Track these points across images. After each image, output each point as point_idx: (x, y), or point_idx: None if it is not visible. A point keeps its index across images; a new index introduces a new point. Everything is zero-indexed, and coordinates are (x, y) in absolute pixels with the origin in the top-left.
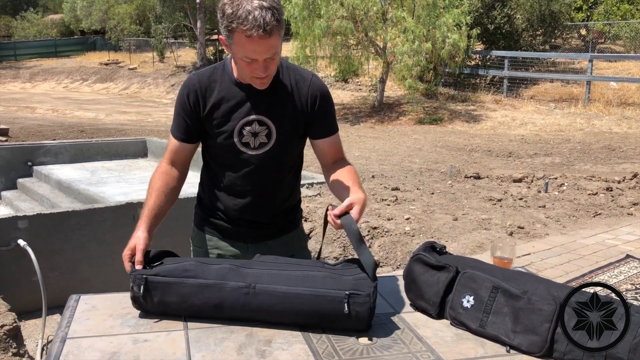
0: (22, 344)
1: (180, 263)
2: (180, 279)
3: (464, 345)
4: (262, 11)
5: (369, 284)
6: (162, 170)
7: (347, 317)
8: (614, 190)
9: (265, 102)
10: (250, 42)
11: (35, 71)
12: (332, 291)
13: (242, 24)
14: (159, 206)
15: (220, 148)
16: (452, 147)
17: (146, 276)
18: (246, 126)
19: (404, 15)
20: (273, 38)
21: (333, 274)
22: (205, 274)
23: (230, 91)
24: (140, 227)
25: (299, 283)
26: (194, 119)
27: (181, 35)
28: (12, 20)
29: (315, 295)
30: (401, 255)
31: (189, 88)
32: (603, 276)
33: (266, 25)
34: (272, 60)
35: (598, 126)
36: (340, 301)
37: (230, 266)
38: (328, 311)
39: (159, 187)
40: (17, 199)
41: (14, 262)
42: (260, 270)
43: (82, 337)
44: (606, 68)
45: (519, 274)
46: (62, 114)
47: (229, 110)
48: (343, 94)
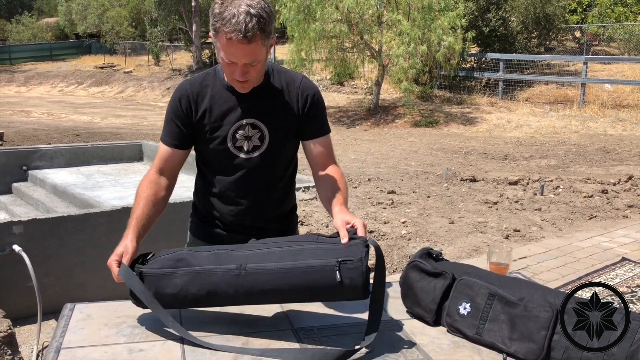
0: (17, 351)
1: (172, 253)
2: (173, 269)
3: (460, 353)
4: (246, 17)
5: (361, 249)
6: (151, 179)
7: (340, 286)
8: (609, 193)
9: (257, 106)
10: (229, 45)
11: (30, 75)
12: (323, 260)
13: (225, 26)
14: (147, 215)
15: (213, 153)
16: (448, 150)
17: (140, 270)
18: (239, 130)
19: (399, 18)
20: (253, 45)
21: (325, 245)
22: (198, 261)
23: (222, 96)
24: (128, 236)
25: (290, 258)
26: (187, 124)
27: (177, 39)
28: (7, 24)
29: (307, 267)
30: (397, 259)
31: (180, 93)
32: (599, 279)
33: (247, 31)
34: (252, 66)
35: (593, 128)
36: (332, 269)
37: (221, 251)
38: (321, 283)
39: (147, 196)
40: (12, 204)
41: (9, 268)
42: (251, 252)
43: (76, 347)
44: (601, 70)
45: (515, 280)
46: (58, 118)
47: (221, 115)
48: (339, 97)
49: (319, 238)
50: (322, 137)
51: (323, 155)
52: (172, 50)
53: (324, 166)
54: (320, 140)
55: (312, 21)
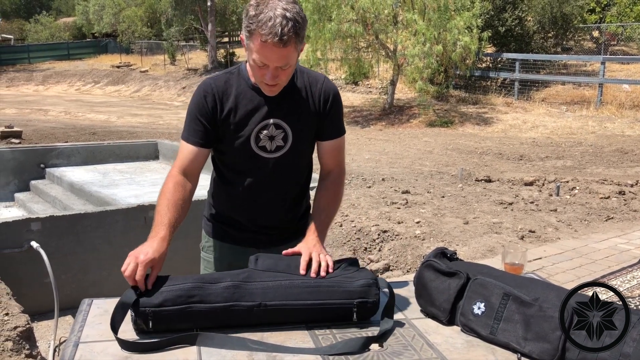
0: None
1: (180, 287)
2: (186, 305)
3: (474, 352)
4: (283, 20)
5: (375, 292)
6: (176, 180)
7: (354, 322)
8: (627, 194)
9: (282, 106)
10: (263, 48)
11: (48, 74)
12: (341, 301)
13: (261, 28)
14: (177, 220)
15: (236, 153)
16: (463, 150)
17: (152, 309)
18: (263, 130)
19: (415, 18)
20: (288, 49)
21: (339, 282)
22: (211, 297)
23: (247, 95)
24: (164, 243)
25: (308, 296)
26: (212, 122)
27: (192, 38)
28: (25, 24)
29: (326, 307)
30: (411, 258)
31: (206, 91)
32: (615, 281)
33: (283, 35)
34: (283, 70)
35: (610, 129)
36: (349, 310)
37: (233, 283)
38: (337, 319)
39: (177, 200)
40: (30, 201)
41: (27, 264)
42: (265, 284)
43: (94, 342)
44: (619, 70)
45: (530, 280)
46: (75, 117)
47: (246, 114)
48: (353, 96)
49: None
50: (338, 138)
51: (334, 155)
52: (188, 49)
53: (333, 166)
54: (336, 141)
55: (328, 21)
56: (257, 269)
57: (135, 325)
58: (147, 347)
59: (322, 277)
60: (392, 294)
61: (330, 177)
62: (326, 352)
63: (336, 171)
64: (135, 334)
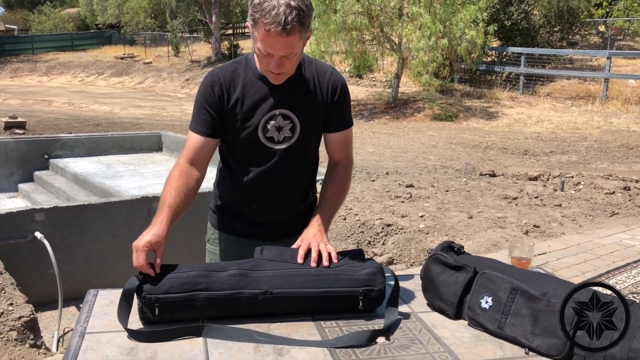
0: (39, 336)
1: (186, 275)
2: (192, 292)
3: (482, 347)
4: (286, 9)
5: (380, 280)
6: (182, 168)
7: (360, 311)
8: (632, 190)
9: (289, 96)
10: (267, 36)
11: (52, 65)
12: (347, 289)
13: (264, 17)
14: (178, 205)
15: (243, 143)
16: (467, 144)
17: (157, 296)
18: (270, 120)
19: (421, 11)
20: (291, 38)
21: (345, 271)
22: (217, 285)
23: (254, 85)
24: (157, 223)
25: (314, 284)
26: (219, 112)
27: (196, 30)
28: (29, 14)
29: (332, 295)
30: (415, 252)
31: (213, 80)
32: (620, 277)
33: (286, 24)
34: (288, 59)
35: (616, 124)
36: (355, 298)
37: (239, 271)
38: (343, 308)
39: (179, 186)
40: (34, 192)
41: (31, 254)
42: (271, 272)
43: (100, 332)
44: (625, 65)
45: (538, 275)
46: (78, 108)
47: (253, 104)
48: (357, 89)
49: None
50: (345, 130)
51: (342, 147)
52: (192, 41)
53: (341, 158)
54: (343, 133)
55: (333, 13)
56: (263, 258)
57: (142, 314)
58: (153, 336)
59: (325, 266)
60: (397, 284)
61: (338, 168)
62: (333, 345)
63: (344, 162)
64: (141, 324)
